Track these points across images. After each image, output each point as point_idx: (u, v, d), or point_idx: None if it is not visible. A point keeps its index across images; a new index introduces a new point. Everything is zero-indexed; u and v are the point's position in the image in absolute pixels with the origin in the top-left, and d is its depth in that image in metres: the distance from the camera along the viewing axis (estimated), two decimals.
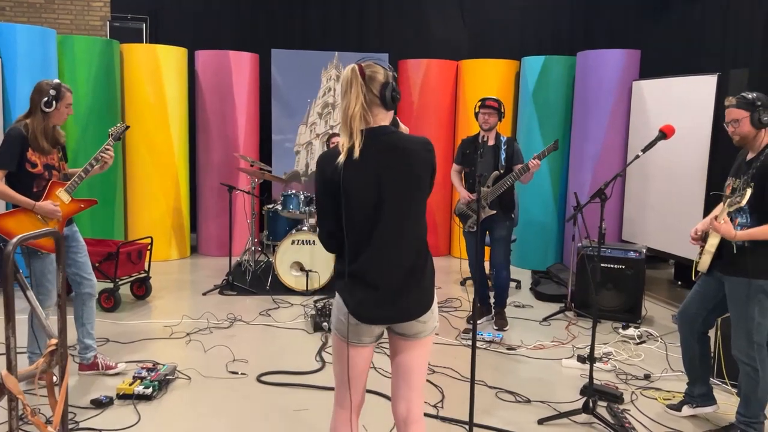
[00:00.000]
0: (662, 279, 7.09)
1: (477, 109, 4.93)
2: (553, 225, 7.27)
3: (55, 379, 2.08)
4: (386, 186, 2.19)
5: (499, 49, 8.39)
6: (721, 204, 3.26)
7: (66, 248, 3.80)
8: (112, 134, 3.83)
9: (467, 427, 3.18)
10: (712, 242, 3.25)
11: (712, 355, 3.84)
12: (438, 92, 7.69)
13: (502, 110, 4.89)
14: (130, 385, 3.67)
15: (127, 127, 3.95)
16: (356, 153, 2.16)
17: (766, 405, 3.25)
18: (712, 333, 3.60)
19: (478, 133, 5.04)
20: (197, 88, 7.46)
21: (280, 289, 5.89)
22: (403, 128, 2.45)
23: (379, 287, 2.22)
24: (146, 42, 8.29)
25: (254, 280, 6.19)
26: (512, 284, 6.49)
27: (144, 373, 3.82)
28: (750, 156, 3.20)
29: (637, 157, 3.31)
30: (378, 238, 2.21)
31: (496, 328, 5.13)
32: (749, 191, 2.99)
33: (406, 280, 2.24)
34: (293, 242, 5.85)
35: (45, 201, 3.59)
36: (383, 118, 2.27)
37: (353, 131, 2.19)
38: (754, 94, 3.10)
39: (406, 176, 2.21)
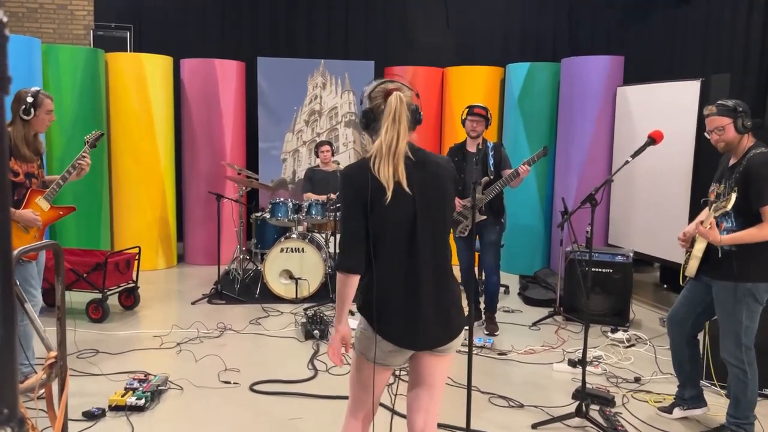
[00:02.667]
0: (648, 282, 7.17)
1: (464, 116, 4.97)
2: (540, 230, 7.32)
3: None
4: (422, 207, 2.17)
5: (485, 56, 8.45)
6: (707, 209, 3.31)
7: (38, 260, 3.78)
8: (87, 141, 3.87)
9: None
10: (699, 247, 3.29)
11: (701, 357, 3.88)
12: (424, 99, 7.72)
13: (489, 117, 4.93)
14: (123, 396, 3.64)
15: (102, 134, 3.99)
16: (406, 189, 2.13)
17: (755, 406, 3.30)
18: (701, 336, 3.65)
19: (465, 141, 5.07)
20: (183, 97, 7.43)
21: (270, 297, 5.88)
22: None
23: (417, 312, 2.19)
24: (130, 51, 8.25)
25: (243, 288, 6.17)
26: (501, 289, 6.52)
27: (136, 384, 3.79)
28: (733, 161, 3.25)
29: (627, 162, 3.36)
30: (415, 263, 2.18)
31: (486, 333, 5.15)
32: (734, 196, 3.03)
33: (442, 303, 2.22)
34: (282, 250, 5.84)
35: (25, 209, 3.58)
36: (411, 138, 2.24)
37: (398, 166, 2.13)
38: (733, 101, 3.15)
39: (439, 194, 2.20)
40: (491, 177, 4.94)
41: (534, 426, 3.52)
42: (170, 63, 7.28)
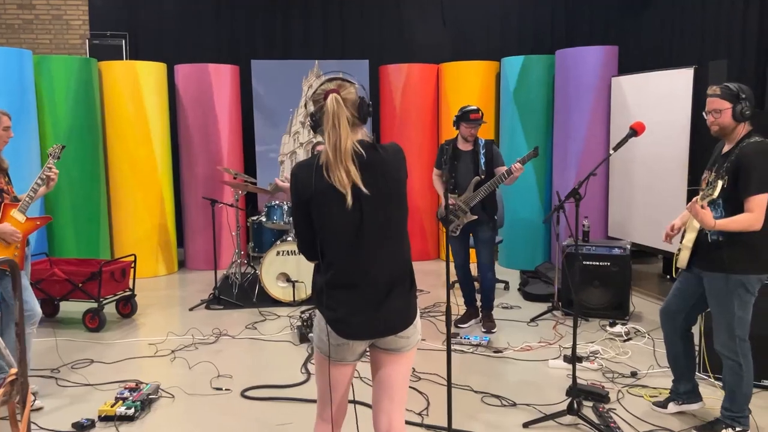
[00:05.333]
0: (651, 273, 7.09)
1: (458, 120, 4.89)
2: (540, 224, 7.25)
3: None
4: (369, 202, 2.15)
5: (481, 51, 8.39)
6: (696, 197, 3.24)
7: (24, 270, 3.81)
8: (51, 154, 3.88)
9: None
10: (689, 237, 3.24)
11: (696, 351, 3.81)
12: (420, 96, 7.68)
13: (483, 117, 4.88)
14: (112, 406, 3.64)
15: (64, 147, 4.00)
16: (364, 190, 2.12)
17: (750, 399, 3.24)
18: (695, 328, 3.58)
19: (456, 138, 5.03)
20: (178, 103, 7.44)
21: (267, 300, 5.87)
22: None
23: (361, 302, 2.19)
24: (127, 58, 8.27)
25: (241, 293, 6.17)
26: (500, 285, 6.49)
27: (126, 394, 3.79)
28: (726, 148, 3.18)
29: (609, 155, 3.30)
30: (362, 256, 2.18)
31: (484, 330, 5.11)
32: (720, 183, 2.97)
33: (388, 293, 2.21)
34: (278, 253, 5.82)
35: (3, 223, 3.60)
36: (361, 134, 2.23)
37: (350, 167, 2.11)
38: (738, 86, 3.06)
39: (386, 188, 2.18)
40: (483, 176, 4.89)
41: (525, 425, 3.48)
42: (164, 69, 7.29)
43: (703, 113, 3.19)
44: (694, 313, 3.47)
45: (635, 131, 3.23)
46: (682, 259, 3.29)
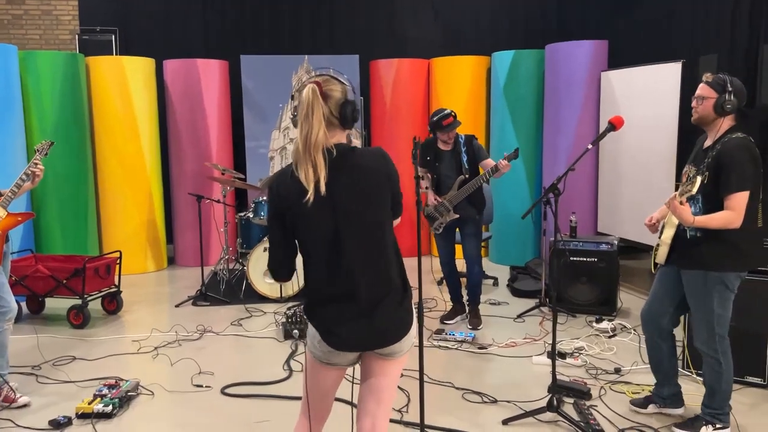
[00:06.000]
0: (642, 269, 7.06)
1: (433, 129, 4.84)
2: (530, 219, 7.22)
3: None
4: (346, 209, 2.08)
5: (472, 46, 8.34)
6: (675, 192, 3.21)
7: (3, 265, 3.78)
8: (38, 150, 3.84)
9: (426, 429, 3.14)
10: (668, 233, 3.20)
11: (677, 350, 3.76)
12: (410, 91, 7.64)
13: (457, 119, 4.83)
14: (90, 403, 3.61)
15: (52, 143, 3.96)
16: (322, 189, 2.03)
17: (730, 396, 3.21)
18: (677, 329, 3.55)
19: (435, 138, 4.97)
20: (167, 98, 7.40)
21: (255, 297, 5.84)
22: (355, 141, 2.38)
23: (348, 316, 2.13)
24: (117, 54, 8.22)
25: (228, 289, 6.14)
26: (489, 281, 6.46)
27: (105, 391, 3.76)
28: (707, 143, 3.15)
29: (587, 149, 3.27)
30: (343, 268, 2.11)
31: (470, 327, 5.08)
32: (699, 179, 2.93)
33: (377, 306, 2.14)
34: (265, 249, 5.79)
35: None
36: (340, 137, 2.15)
37: (317, 162, 2.04)
38: (730, 79, 3.00)
39: (364, 196, 2.09)
40: (467, 175, 4.85)
41: (505, 422, 3.46)
42: (152, 65, 7.25)
43: (693, 97, 3.14)
44: (678, 315, 3.40)
45: (614, 126, 3.20)
46: (661, 255, 3.25)
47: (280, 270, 2.24)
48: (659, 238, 3.26)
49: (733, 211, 2.93)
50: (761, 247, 3.16)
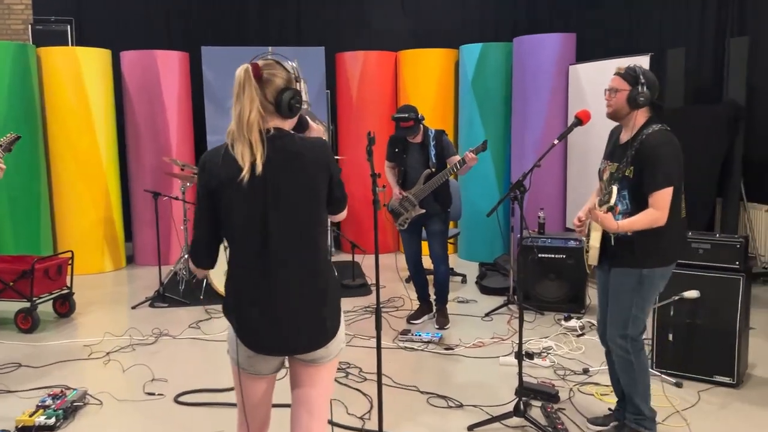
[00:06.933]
0: None
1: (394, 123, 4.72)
2: (499, 215, 7.10)
3: None
4: (276, 197, 1.96)
5: (441, 39, 8.19)
6: (593, 196, 3.08)
7: None
8: (1, 145, 3.60)
9: None
10: (596, 236, 3.01)
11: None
12: (377, 84, 7.48)
13: (419, 117, 4.67)
14: (31, 415, 3.39)
15: (18, 137, 3.71)
16: (259, 168, 1.92)
17: (649, 400, 3.06)
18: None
19: None
20: (124, 91, 7.12)
21: (215, 298, 5.63)
22: (315, 128, 2.22)
23: (268, 315, 1.99)
24: (73, 45, 7.90)
25: (188, 290, 5.92)
26: (458, 278, 6.34)
27: (49, 401, 3.54)
28: (625, 137, 2.97)
29: (553, 145, 3.14)
30: (268, 259, 1.98)
31: (437, 327, 4.95)
32: (615, 188, 2.81)
33: (300, 307, 2.01)
34: (226, 248, 5.57)
35: None
36: (280, 124, 2.03)
37: (253, 142, 1.93)
38: (644, 71, 2.87)
39: (298, 185, 1.98)
40: (433, 169, 4.72)
41: (470, 428, 3.32)
42: (108, 56, 6.97)
43: (604, 90, 3.00)
44: None
45: (580, 120, 3.08)
46: (593, 258, 3.04)
47: (201, 255, 2.09)
48: (587, 242, 3.07)
49: (657, 210, 2.77)
50: (684, 238, 3.03)
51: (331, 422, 2.38)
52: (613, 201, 2.78)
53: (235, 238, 2.00)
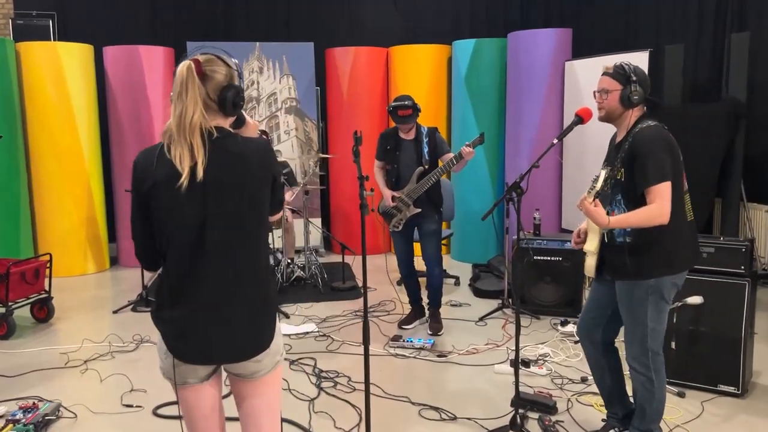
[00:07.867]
0: None
1: (390, 115, 4.55)
2: (494, 215, 6.93)
3: None
4: (216, 202, 1.83)
5: (433, 35, 8.02)
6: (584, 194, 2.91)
7: None
8: None
9: None
10: (593, 242, 2.84)
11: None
12: (368, 80, 7.30)
13: (417, 107, 4.51)
14: (1, 430, 3.21)
15: (0, 137, 3.51)
16: (200, 174, 1.78)
17: (662, 415, 2.89)
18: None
19: (396, 127, 4.67)
20: (107, 87, 6.91)
21: None
22: (251, 124, 2.05)
23: (199, 320, 1.86)
24: (55, 40, 7.68)
25: None
26: (451, 281, 6.18)
27: (19, 415, 3.35)
28: (619, 138, 2.81)
29: (553, 144, 2.97)
30: (204, 265, 1.84)
31: (430, 332, 4.77)
32: (603, 173, 2.65)
33: (233, 313, 1.88)
34: None
35: None
36: (221, 122, 1.91)
37: (194, 145, 1.79)
38: (633, 68, 2.70)
39: (240, 189, 1.85)
40: (426, 166, 4.55)
41: None
42: (90, 51, 6.76)
43: (593, 92, 2.82)
44: (613, 326, 3.02)
45: (581, 118, 2.90)
46: (589, 267, 2.88)
47: (153, 259, 1.96)
48: (584, 248, 2.89)
49: (655, 204, 2.59)
50: (694, 243, 2.83)
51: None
52: (599, 185, 2.61)
53: (170, 242, 1.86)
